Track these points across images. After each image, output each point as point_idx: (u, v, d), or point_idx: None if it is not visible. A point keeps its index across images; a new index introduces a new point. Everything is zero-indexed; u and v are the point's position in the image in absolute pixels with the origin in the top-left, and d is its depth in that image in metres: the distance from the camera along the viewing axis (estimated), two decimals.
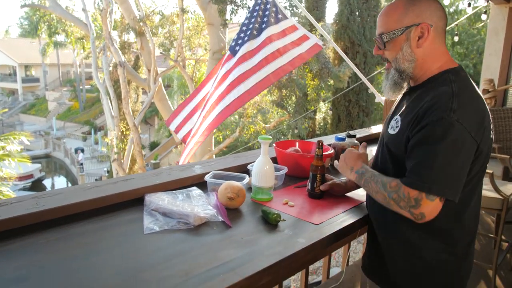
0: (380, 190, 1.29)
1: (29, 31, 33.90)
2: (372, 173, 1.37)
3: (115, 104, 10.19)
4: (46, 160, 26.61)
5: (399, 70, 1.34)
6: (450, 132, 1.16)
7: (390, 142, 1.35)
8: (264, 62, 3.23)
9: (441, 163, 1.17)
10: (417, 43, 1.29)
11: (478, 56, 14.44)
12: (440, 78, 1.29)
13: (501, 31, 5.07)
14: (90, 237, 1.29)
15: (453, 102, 1.18)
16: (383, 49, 1.36)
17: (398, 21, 1.30)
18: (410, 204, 1.20)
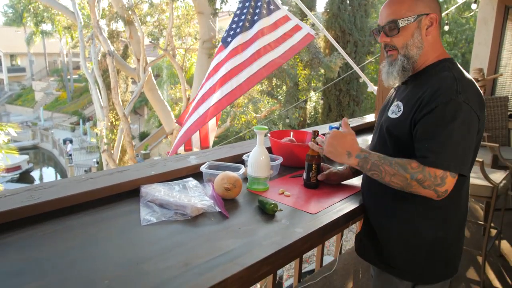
0: (399, 172, 1.27)
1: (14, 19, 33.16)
2: (378, 156, 1.34)
3: (104, 94, 10.06)
4: (34, 151, 26.29)
5: (408, 56, 1.39)
6: (460, 112, 1.23)
7: (392, 125, 1.39)
8: (256, 56, 3.21)
9: (456, 142, 1.23)
10: (426, 31, 1.36)
11: (467, 45, 14.56)
12: (438, 66, 1.38)
13: (490, 21, 5.11)
14: (87, 229, 1.28)
15: (458, 85, 1.26)
16: (394, 36, 1.38)
17: (410, 9, 1.35)
18: (436, 183, 1.24)
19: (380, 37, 1.43)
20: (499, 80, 5.20)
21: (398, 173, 1.28)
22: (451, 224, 1.41)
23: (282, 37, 3.31)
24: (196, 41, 11.18)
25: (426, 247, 1.40)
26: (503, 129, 4.23)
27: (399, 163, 1.29)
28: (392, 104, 1.45)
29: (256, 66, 3.20)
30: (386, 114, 1.45)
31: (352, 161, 1.39)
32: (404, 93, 1.42)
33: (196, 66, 10.44)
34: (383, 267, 1.48)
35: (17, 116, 31.64)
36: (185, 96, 10.25)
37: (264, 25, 3.29)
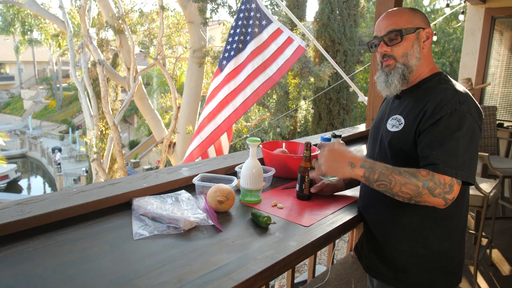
0: (411, 181, 1.26)
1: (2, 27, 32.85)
2: (385, 165, 1.32)
3: (94, 103, 9.99)
4: (22, 160, 25.94)
5: (407, 65, 1.42)
6: (465, 122, 1.27)
7: (394, 138, 1.41)
8: (252, 77, 3.31)
9: (462, 150, 1.26)
10: (423, 44, 1.42)
11: (454, 54, 14.79)
12: (433, 79, 1.42)
13: (477, 31, 5.20)
14: (78, 244, 1.26)
15: (459, 96, 1.31)
16: (395, 45, 1.41)
17: (409, 21, 1.41)
18: (445, 191, 1.25)
19: (380, 47, 1.45)
20: (487, 89, 5.29)
21: (409, 182, 1.26)
22: (455, 234, 1.43)
23: (275, 54, 3.39)
24: (187, 50, 11.19)
25: (434, 258, 1.41)
26: (492, 138, 4.29)
27: (409, 171, 1.28)
28: (389, 117, 1.47)
29: (249, 89, 3.33)
30: (385, 128, 1.47)
31: (357, 172, 1.34)
32: (402, 107, 1.45)
33: (186, 75, 10.44)
34: (390, 281, 1.48)
35: (5, 124, 31.25)
36: (175, 104, 10.22)
37: (257, 45, 3.38)
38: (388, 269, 1.48)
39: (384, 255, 1.49)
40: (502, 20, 5.07)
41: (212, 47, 10.76)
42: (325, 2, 11.51)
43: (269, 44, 3.41)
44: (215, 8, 8.76)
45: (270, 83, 3.38)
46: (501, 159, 4.18)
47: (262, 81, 3.36)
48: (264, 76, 3.36)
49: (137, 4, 11.28)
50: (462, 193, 1.36)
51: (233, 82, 3.31)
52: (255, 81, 3.36)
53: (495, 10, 5.03)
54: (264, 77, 3.36)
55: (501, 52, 5.13)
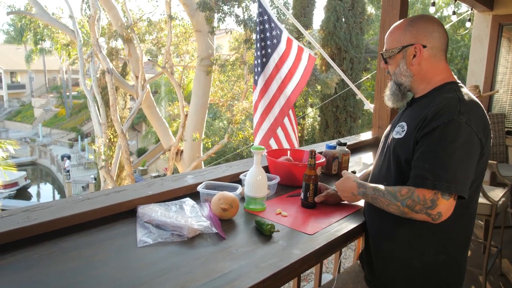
0: (392, 202, 1.32)
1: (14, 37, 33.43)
2: (373, 188, 1.41)
3: (102, 111, 10.08)
4: (32, 167, 26.20)
5: (397, 83, 1.48)
6: (461, 133, 1.23)
7: (397, 146, 1.40)
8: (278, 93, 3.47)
9: (454, 162, 1.23)
10: (412, 61, 1.42)
11: (462, 61, 14.71)
12: (443, 88, 1.40)
13: (484, 38, 5.18)
14: (83, 251, 1.27)
15: (461, 106, 1.27)
16: (387, 64, 1.52)
17: (397, 40, 1.44)
18: (426, 206, 1.23)
19: (381, 64, 1.58)
20: (495, 96, 5.25)
21: (391, 203, 1.32)
22: (453, 247, 1.40)
23: (294, 65, 3.49)
24: (194, 58, 11.28)
25: (427, 271, 1.39)
26: (501, 146, 4.25)
27: (390, 192, 1.33)
28: (397, 124, 1.47)
29: (280, 103, 3.51)
30: (392, 135, 1.47)
31: (358, 198, 1.54)
32: (409, 114, 1.45)
33: (193, 83, 10.51)
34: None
35: (16, 132, 31.63)
36: (183, 112, 10.29)
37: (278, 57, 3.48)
38: (378, 278, 1.48)
39: (381, 266, 1.48)
40: (510, 27, 5.05)
41: (220, 55, 10.83)
42: (330, 11, 11.55)
43: (288, 54, 3.52)
44: (222, 17, 8.83)
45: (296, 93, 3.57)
46: (510, 167, 4.13)
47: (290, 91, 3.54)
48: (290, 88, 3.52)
49: (146, 14, 11.41)
50: (464, 206, 1.33)
51: (266, 95, 3.49)
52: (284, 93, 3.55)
53: (503, 17, 5.01)
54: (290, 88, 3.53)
55: (509, 59, 5.10)
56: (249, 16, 8.98)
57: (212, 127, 15.57)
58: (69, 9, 10.88)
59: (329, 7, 11.62)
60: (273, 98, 3.45)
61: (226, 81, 11.28)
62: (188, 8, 9.61)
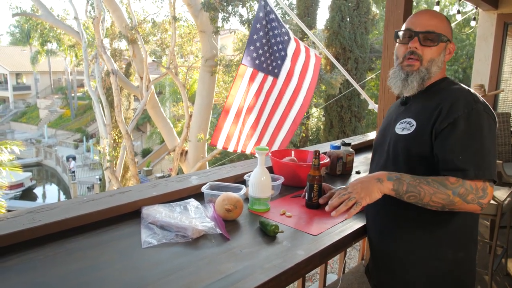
0: (440, 190, 1.21)
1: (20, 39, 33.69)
2: (411, 176, 1.27)
3: (107, 111, 10.13)
4: (37, 168, 26.34)
5: (429, 71, 1.39)
6: (484, 120, 1.25)
7: (405, 141, 1.36)
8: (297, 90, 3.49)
9: (488, 150, 1.23)
10: (446, 56, 1.42)
11: (467, 60, 14.63)
12: (442, 82, 1.40)
13: (489, 37, 5.15)
14: (88, 252, 1.27)
15: (473, 96, 1.29)
16: (427, 46, 1.37)
17: (446, 30, 1.40)
18: (478, 196, 1.21)
19: (412, 42, 1.38)
20: (501, 96, 5.22)
21: (438, 191, 1.22)
22: (471, 244, 1.39)
23: (304, 65, 3.49)
24: (198, 59, 11.30)
25: (447, 272, 1.36)
26: (506, 145, 4.22)
27: (437, 180, 1.23)
28: (396, 123, 1.42)
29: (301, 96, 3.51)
30: (394, 133, 1.41)
31: (386, 185, 1.28)
32: (411, 111, 1.41)
33: (198, 84, 10.53)
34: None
35: (21, 133, 31.82)
36: (187, 113, 10.31)
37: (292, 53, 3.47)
38: (398, 284, 1.43)
39: (393, 269, 1.44)
40: None
41: (224, 56, 10.84)
42: (335, 10, 11.54)
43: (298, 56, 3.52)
44: (227, 17, 8.84)
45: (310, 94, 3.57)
46: None
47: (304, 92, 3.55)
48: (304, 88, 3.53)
49: (150, 15, 11.44)
50: None
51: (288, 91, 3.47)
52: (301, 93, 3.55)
53: (508, 16, 4.98)
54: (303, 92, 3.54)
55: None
56: (254, 16, 8.98)
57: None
58: (74, 11, 10.94)
59: (333, 6, 11.61)
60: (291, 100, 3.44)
61: (231, 81, 11.29)
62: (192, 9, 9.63)
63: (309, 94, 3.50)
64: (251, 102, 3.43)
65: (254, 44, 3.43)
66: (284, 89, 3.48)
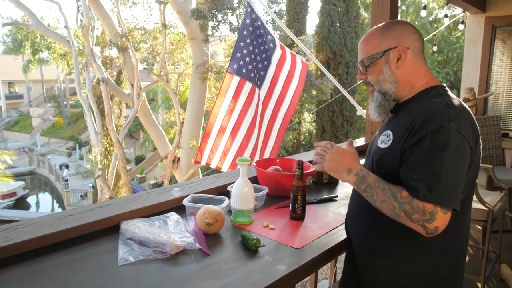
0: (389, 200, 1.21)
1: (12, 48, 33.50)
2: (375, 178, 1.27)
3: (98, 120, 10.06)
4: (31, 177, 26.14)
5: (382, 91, 1.37)
6: (452, 140, 1.16)
7: (382, 156, 1.32)
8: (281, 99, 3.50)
9: (448, 173, 1.16)
10: (396, 64, 1.34)
11: (458, 63, 14.73)
12: (429, 92, 1.33)
13: (478, 40, 5.17)
14: (61, 270, 1.23)
15: (449, 112, 1.20)
16: (366, 74, 1.41)
17: (376, 46, 1.35)
18: (424, 218, 1.15)
19: (358, 75, 1.45)
20: (491, 99, 5.23)
21: (387, 200, 1.21)
22: (448, 263, 1.32)
23: (290, 73, 3.47)
24: (189, 66, 11.28)
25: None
26: (497, 149, 4.22)
27: (391, 190, 1.21)
28: (381, 133, 1.39)
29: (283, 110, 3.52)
30: (376, 144, 1.38)
31: (350, 178, 1.33)
32: (394, 122, 1.37)
33: (189, 91, 10.50)
34: None
35: (14, 142, 31.57)
36: (179, 120, 10.26)
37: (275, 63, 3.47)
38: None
39: (368, 281, 1.38)
40: (504, 28, 5.04)
41: (215, 62, 10.83)
42: (325, 15, 11.57)
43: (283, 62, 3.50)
44: (216, 25, 8.83)
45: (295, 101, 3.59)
46: (507, 170, 4.10)
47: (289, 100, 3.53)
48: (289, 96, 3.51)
49: (140, 22, 11.42)
50: (458, 219, 1.26)
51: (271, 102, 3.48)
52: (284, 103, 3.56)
53: (496, 19, 5.00)
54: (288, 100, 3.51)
55: (504, 61, 5.09)
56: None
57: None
58: (64, 20, 10.88)
59: (323, 12, 11.65)
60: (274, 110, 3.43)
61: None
62: (182, 16, 9.62)
63: (294, 103, 3.48)
64: (239, 114, 3.40)
65: (241, 51, 3.41)
66: (268, 100, 3.46)
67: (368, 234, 1.39)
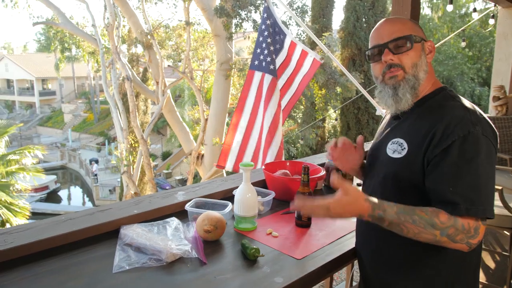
0: (426, 230, 1.07)
1: (45, 46, 34.68)
2: (395, 212, 1.10)
3: (124, 116, 10.23)
4: (62, 171, 26.99)
5: (417, 77, 1.23)
6: (481, 146, 1.09)
7: (397, 166, 1.22)
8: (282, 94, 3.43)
9: (483, 181, 1.09)
10: (427, 56, 1.27)
11: (491, 59, 14.14)
12: (438, 95, 1.24)
13: (510, 35, 4.91)
14: (57, 276, 1.22)
15: (471, 116, 1.13)
16: (402, 53, 1.23)
17: (414, 30, 1.26)
18: (469, 235, 1.07)
19: (384, 55, 1.24)
20: None
21: (424, 231, 1.08)
22: (469, 274, 1.25)
23: (295, 70, 3.40)
24: (213, 63, 11.30)
25: None
26: None
27: (424, 218, 1.07)
28: (388, 141, 1.28)
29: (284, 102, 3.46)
30: (385, 153, 1.27)
31: (365, 219, 1.14)
32: (404, 128, 1.26)
33: (213, 88, 10.52)
34: None
35: (47, 137, 32.69)
36: (203, 117, 10.31)
37: (281, 61, 3.41)
38: None
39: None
40: None
41: (239, 59, 10.81)
42: (350, 11, 11.33)
43: (290, 58, 3.43)
44: (240, 22, 8.78)
45: (292, 102, 3.44)
46: None
47: (288, 98, 3.43)
48: (290, 93, 3.42)
49: (165, 20, 11.53)
50: None
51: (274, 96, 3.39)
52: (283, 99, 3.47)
53: None
54: (289, 94, 3.42)
55: None
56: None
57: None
58: (91, 18, 11.12)
59: (348, 7, 11.41)
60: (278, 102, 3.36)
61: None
62: (206, 13, 9.63)
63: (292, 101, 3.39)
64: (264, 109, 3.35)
65: (260, 46, 3.37)
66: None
67: (380, 248, 1.30)
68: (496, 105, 4.48)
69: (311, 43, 10.10)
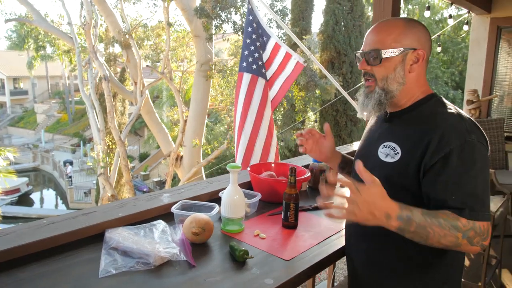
0: (450, 233, 1.07)
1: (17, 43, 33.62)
2: (422, 213, 1.08)
3: (100, 117, 10.04)
4: (35, 173, 26.22)
5: (386, 90, 1.26)
6: (478, 153, 1.13)
7: (390, 170, 1.23)
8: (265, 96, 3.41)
9: (482, 188, 1.13)
10: (410, 67, 1.25)
11: (464, 63, 14.59)
12: (429, 101, 1.27)
13: (483, 41, 5.08)
14: (40, 282, 1.18)
15: (465, 123, 1.17)
16: (375, 65, 1.26)
17: (396, 40, 1.24)
18: (483, 237, 1.11)
19: (360, 64, 1.29)
20: (494, 101, 5.14)
21: (449, 234, 1.08)
22: (456, 275, 1.29)
23: (277, 72, 3.40)
24: (193, 64, 11.23)
25: None
26: (500, 152, 4.14)
27: (449, 221, 1.08)
28: (379, 144, 1.30)
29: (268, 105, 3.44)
30: (376, 157, 1.28)
31: (392, 224, 1.07)
32: (396, 133, 1.28)
33: (193, 89, 10.46)
34: None
35: (19, 138, 31.69)
36: (182, 118, 10.23)
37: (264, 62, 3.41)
38: None
39: None
40: (509, 29, 4.95)
41: (220, 60, 10.78)
42: (329, 14, 11.46)
43: (273, 59, 3.43)
44: (220, 24, 8.75)
45: (275, 103, 3.45)
46: (509, 174, 4.02)
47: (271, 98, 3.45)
48: (271, 95, 3.44)
49: (144, 19, 11.39)
50: None
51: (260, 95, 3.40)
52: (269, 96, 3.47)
53: (501, 20, 4.91)
54: (271, 96, 3.44)
55: (509, 62, 4.99)
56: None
57: (213, 132, 15.51)
58: (67, 16, 10.86)
59: (327, 10, 11.53)
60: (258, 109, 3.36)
61: (226, 86, 11.20)
62: (186, 13, 9.56)
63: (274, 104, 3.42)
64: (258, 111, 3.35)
65: (248, 48, 3.37)
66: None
67: (372, 249, 1.32)
68: (470, 108, 4.63)
69: (292, 46, 10.17)
